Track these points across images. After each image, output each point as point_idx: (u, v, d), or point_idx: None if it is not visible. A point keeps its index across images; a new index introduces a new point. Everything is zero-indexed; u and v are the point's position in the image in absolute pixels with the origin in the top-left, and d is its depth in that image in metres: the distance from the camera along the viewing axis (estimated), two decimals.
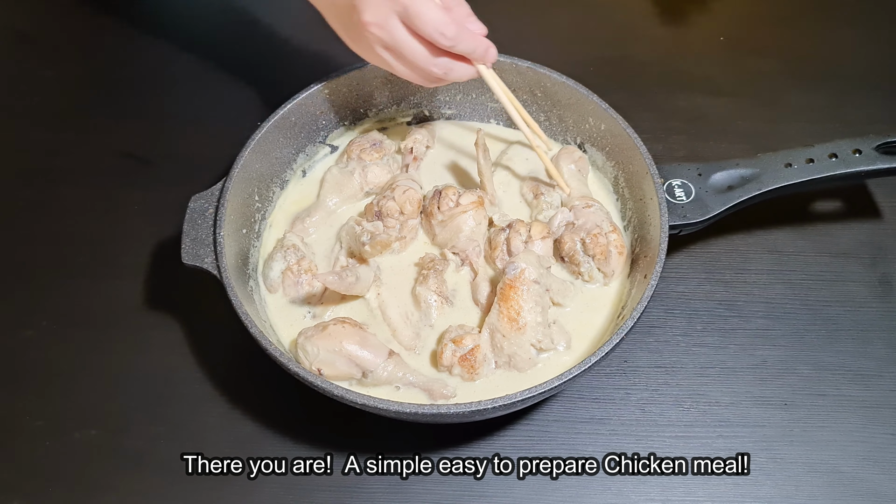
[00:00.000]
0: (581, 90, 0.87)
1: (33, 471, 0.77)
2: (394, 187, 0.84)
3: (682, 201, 0.81)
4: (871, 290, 0.86)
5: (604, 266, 0.80)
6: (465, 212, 0.81)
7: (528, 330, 0.73)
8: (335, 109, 0.90)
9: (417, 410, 0.66)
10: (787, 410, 0.79)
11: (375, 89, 0.91)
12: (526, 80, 0.90)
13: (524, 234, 0.79)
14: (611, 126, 0.86)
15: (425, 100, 0.94)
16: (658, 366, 0.82)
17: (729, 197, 0.81)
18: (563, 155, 0.87)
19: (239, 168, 0.80)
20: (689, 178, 0.82)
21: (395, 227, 0.82)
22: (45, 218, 0.95)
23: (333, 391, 0.67)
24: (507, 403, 0.66)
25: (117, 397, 0.81)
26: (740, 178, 0.83)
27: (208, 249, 0.75)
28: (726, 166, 0.83)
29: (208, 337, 0.84)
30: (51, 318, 0.87)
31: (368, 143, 0.89)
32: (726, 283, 0.87)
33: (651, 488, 0.75)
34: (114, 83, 1.08)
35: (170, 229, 0.91)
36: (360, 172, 0.87)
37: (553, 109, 0.91)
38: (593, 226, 0.81)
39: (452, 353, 0.74)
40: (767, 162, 0.83)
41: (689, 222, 0.80)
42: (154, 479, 0.76)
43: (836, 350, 0.83)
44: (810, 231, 0.91)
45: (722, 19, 1.13)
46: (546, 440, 0.78)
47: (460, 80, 0.76)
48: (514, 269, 0.74)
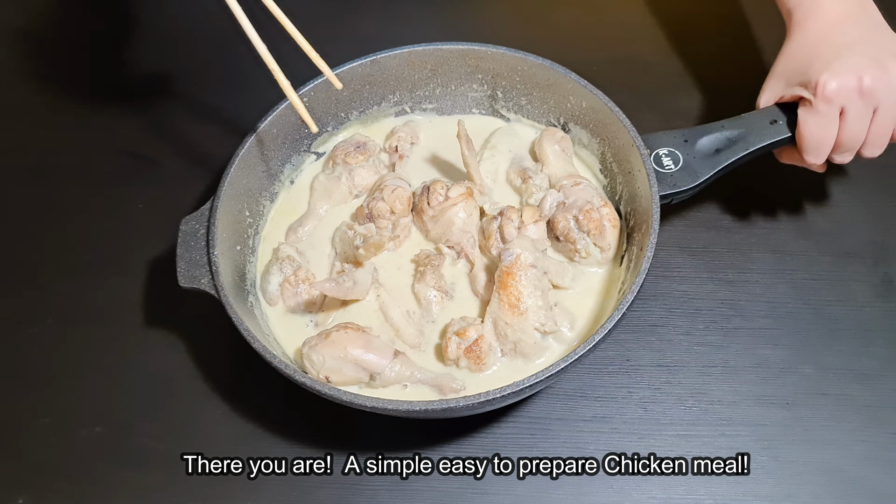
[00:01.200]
0: (559, 69, 0.87)
1: (39, 468, 0.78)
2: (382, 188, 0.84)
3: (670, 170, 0.80)
4: (873, 290, 0.86)
5: (599, 241, 0.80)
6: (455, 204, 0.81)
7: (529, 314, 0.73)
8: (316, 116, 0.90)
9: (427, 407, 0.66)
10: (790, 410, 0.79)
11: (354, 91, 0.91)
12: (505, 65, 0.90)
13: (516, 221, 0.79)
14: (592, 102, 0.85)
15: (406, 96, 0.94)
16: (660, 364, 0.82)
17: (717, 160, 0.81)
18: (545, 136, 0.87)
19: (225, 186, 0.80)
20: (675, 146, 0.82)
21: (387, 227, 0.82)
22: (50, 216, 0.96)
23: (342, 398, 0.67)
24: (516, 391, 0.66)
25: (122, 395, 0.82)
26: (727, 140, 0.82)
27: (204, 270, 0.75)
28: (712, 129, 0.83)
29: (210, 336, 0.85)
30: (56, 315, 0.88)
31: (352, 146, 0.89)
32: (729, 283, 0.87)
33: (653, 487, 0.75)
34: (116, 82, 1.08)
35: (173, 228, 0.90)
36: (348, 176, 0.87)
37: (534, 92, 0.91)
38: (584, 202, 0.81)
39: (457, 345, 0.74)
40: (752, 121, 0.82)
41: (679, 190, 0.79)
42: (155, 478, 0.77)
43: (838, 350, 0.82)
44: (813, 231, 0.90)
45: (726, 19, 1.12)
46: (548, 439, 0.78)
47: None
48: (509, 256, 0.74)
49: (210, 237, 0.76)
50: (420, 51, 0.90)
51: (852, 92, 0.75)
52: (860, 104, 0.75)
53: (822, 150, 0.79)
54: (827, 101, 0.75)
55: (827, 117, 0.76)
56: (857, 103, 0.75)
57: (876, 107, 0.76)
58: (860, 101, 0.75)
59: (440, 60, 0.91)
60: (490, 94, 0.93)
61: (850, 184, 0.94)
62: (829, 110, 0.76)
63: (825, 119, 0.77)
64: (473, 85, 0.93)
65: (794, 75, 0.80)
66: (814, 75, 0.76)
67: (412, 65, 0.91)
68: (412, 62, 0.91)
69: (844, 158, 0.80)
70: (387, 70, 0.91)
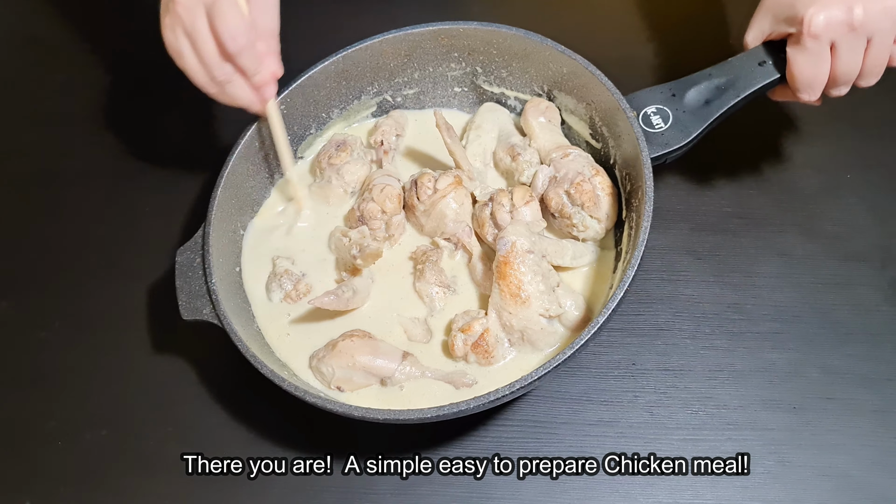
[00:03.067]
0: (533, 37, 0.84)
1: (44, 471, 0.80)
2: (371, 187, 0.83)
3: (660, 129, 0.78)
4: (880, 294, 0.83)
5: (595, 212, 0.78)
6: (444, 196, 0.80)
7: (532, 301, 0.72)
8: (296, 120, 0.89)
9: (438, 413, 0.66)
10: (796, 414, 0.77)
11: (331, 89, 0.89)
12: (479, 41, 0.87)
13: (507, 205, 0.78)
14: (573, 67, 0.83)
15: (384, 86, 0.92)
16: (666, 369, 0.81)
17: (708, 112, 0.78)
18: (529, 109, 0.85)
19: (215, 210, 0.79)
20: (663, 102, 0.79)
21: (380, 227, 0.81)
22: (58, 221, 0.97)
23: (353, 413, 0.67)
24: (527, 384, 0.65)
25: (128, 399, 0.83)
26: (716, 90, 0.79)
27: (204, 300, 0.75)
28: (699, 79, 0.79)
29: (214, 341, 0.83)
30: (64, 319, 0.89)
31: (332, 147, 0.88)
32: (735, 287, 0.85)
33: (658, 490, 0.74)
34: (124, 85, 1.08)
35: (180, 231, 0.92)
36: (337, 177, 0.86)
37: (513, 62, 0.88)
38: (575, 174, 0.79)
39: (463, 342, 0.74)
40: (740, 65, 0.79)
41: (672, 149, 0.77)
42: (160, 482, 0.78)
43: (845, 354, 0.80)
44: (819, 234, 0.87)
45: (729, 21, 1.07)
46: (554, 442, 0.77)
47: (240, 101, 0.77)
48: (504, 245, 0.73)
49: (206, 266, 0.76)
50: (391, 38, 0.88)
51: (842, 25, 0.70)
52: (851, 37, 0.71)
53: (815, 87, 0.75)
54: (815, 37, 0.71)
55: (817, 54, 0.72)
56: (847, 37, 0.71)
57: (870, 37, 0.71)
58: (851, 35, 0.71)
59: (413, 45, 0.89)
60: (470, 71, 0.91)
61: (856, 186, 0.91)
62: (818, 47, 0.72)
63: (815, 56, 0.73)
64: (451, 64, 0.91)
65: (781, 9, 0.75)
66: (801, 9, 0.72)
67: (385, 53, 0.89)
68: (385, 51, 0.88)
69: (840, 92, 0.76)
70: (360, 62, 0.89)
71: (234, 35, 0.71)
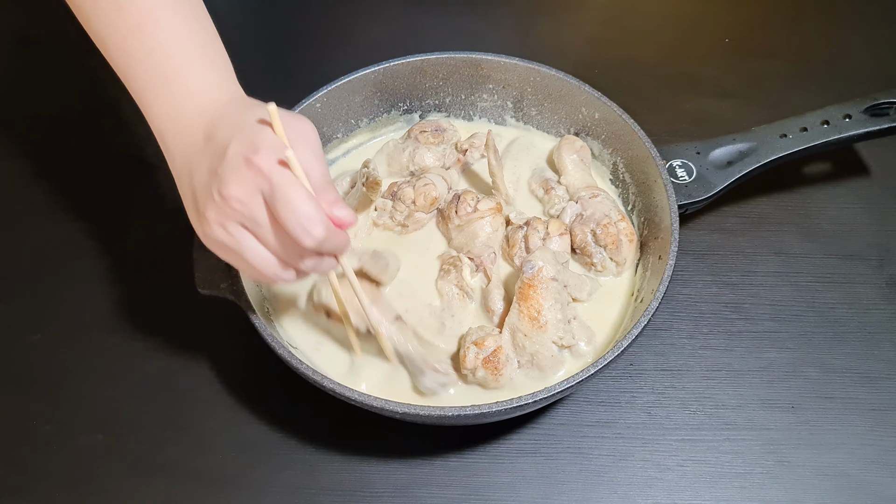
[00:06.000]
0: (571, 81, 0.88)
1: (39, 475, 0.76)
2: (420, 176, 0.85)
3: (684, 181, 0.82)
4: (878, 293, 0.86)
5: (616, 255, 0.81)
6: (482, 217, 0.81)
7: (549, 328, 0.73)
8: (327, 123, 0.89)
9: (459, 412, 0.66)
10: (795, 413, 0.79)
11: (366, 98, 0.91)
12: (517, 76, 0.90)
13: (542, 232, 0.80)
14: (605, 114, 0.86)
15: (415, 104, 0.94)
16: (664, 369, 0.82)
17: (730, 172, 0.83)
18: (563, 145, 0.88)
19: None
20: (688, 157, 0.84)
21: (403, 212, 0.83)
22: (52, 221, 0.93)
23: (373, 404, 0.66)
24: (533, 402, 0.66)
25: (123, 402, 0.80)
26: (738, 153, 0.84)
27: (223, 275, 0.73)
28: (723, 143, 0.85)
29: (211, 340, 0.84)
30: (58, 322, 0.86)
31: (431, 127, 0.90)
32: (733, 286, 0.87)
33: (657, 492, 0.75)
34: (121, 86, 1.05)
35: (178, 233, 0.89)
36: (411, 151, 0.88)
37: (545, 102, 0.91)
38: (602, 216, 0.81)
39: (475, 355, 0.74)
40: (763, 134, 0.85)
41: (694, 200, 0.81)
42: (156, 485, 0.75)
43: (843, 352, 0.83)
44: (817, 233, 0.91)
45: (727, 21, 1.14)
46: (552, 444, 0.77)
47: (320, 273, 0.65)
48: (531, 268, 0.74)
49: None
50: (433, 59, 0.90)
51: None
52: None
53: None
54: None
55: None
56: None
57: None
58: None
59: (452, 69, 0.91)
60: (500, 105, 0.94)
61: (854, 186, 0.95)
62: None
63: None
64: (483, 95, 0.93)
65: None
66: None
67: (424, 73, 0.91)
68: (424, 70, 0.91)
69: None
70: (398, 78, 0.91)
71: (309, 227, 0.57)
